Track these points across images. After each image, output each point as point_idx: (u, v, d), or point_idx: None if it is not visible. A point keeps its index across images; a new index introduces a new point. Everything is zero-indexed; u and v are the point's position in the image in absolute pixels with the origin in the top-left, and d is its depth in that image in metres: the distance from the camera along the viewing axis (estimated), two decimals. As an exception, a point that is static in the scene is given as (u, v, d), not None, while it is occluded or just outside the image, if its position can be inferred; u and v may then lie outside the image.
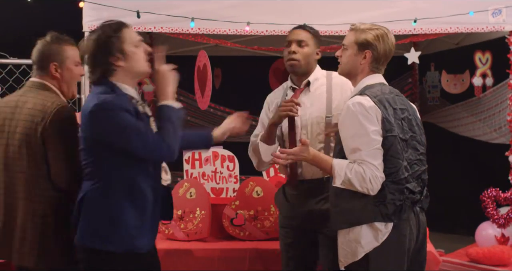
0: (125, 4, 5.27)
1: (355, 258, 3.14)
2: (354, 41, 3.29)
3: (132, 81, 3.11)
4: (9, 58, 5.45)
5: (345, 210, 3.17)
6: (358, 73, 3.32)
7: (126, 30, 3.06)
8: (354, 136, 3.09)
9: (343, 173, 3.07)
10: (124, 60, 3.02)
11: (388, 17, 5.30)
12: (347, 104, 3.14)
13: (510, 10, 5.48)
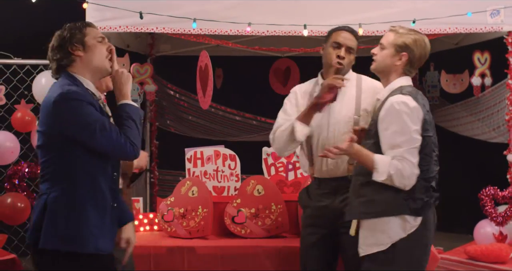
0: (128, 5, 5.35)
1: (380, 248, 3.27)
2: (393, 42, 3.40)
3: (92, 77, 3.14)
4: (13, 58, 5.55)
5: (373, 201, 3.29)
6: (391, 73, 3.44)
7: (91, 28, 3.15)
8: (396, 132, 3.21)
9: (386, 169, 3.17)
10: (84, 52, 3.07)
11: (387, 18, 5.38)
12: (391, 102, 3.25)
13: (508, 10, 5.56)
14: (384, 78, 3.49)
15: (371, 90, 3.80)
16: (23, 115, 5.41)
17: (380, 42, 3.48)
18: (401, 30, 3.45)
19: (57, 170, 3.00)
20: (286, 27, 5.51)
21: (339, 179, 3.77)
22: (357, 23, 5.36)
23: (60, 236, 2.96)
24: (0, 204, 5.09)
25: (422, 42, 3.41)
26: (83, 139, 2.95)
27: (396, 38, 3.40)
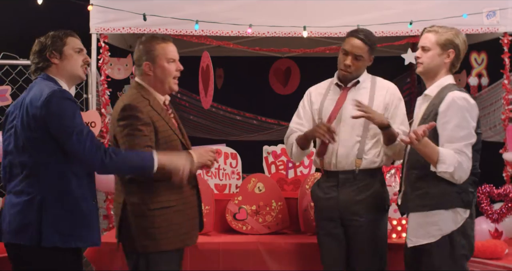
0: (131, 7, 5.43)
1: (431, 240, 3.40)
2: (436, 42, 3.51)
3: (66, 82, 3.36)
4: (19, 59, 5.55)
5: (429, 193, 3.41)
6: (439, 72, 3.56)
7: (71, 38, 3.40)
8: (457, 126, 3.34)
9: (453, 161, 3.28)
10: (59, 59, 3.33)
11: (385, 19, 5.51)
12: (452, 97, 3.37)
13: (504, 12, 5.64)
14: (430, 78, 3.60)
15: (384, 89, 3.97)
16: None
17: (421, 45, 3.57)
18: (439, 29, 3.55)
19: (45, 170, 3.15)
20: (286, 28, 5.58)
21: (346, 172, 3.91)
22: (355, 25, 5.37)
23: (60, 234, 3.13)
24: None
25: (462, 35, 3.56)
26: (60, 139, 3.12)
27: (438, 37, 3.51)
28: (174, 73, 3.57)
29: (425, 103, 3.62)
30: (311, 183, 4.79)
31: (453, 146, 3.33)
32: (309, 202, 4.75)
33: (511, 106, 5.79)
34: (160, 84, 3.55)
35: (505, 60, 5.79)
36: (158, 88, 3.57)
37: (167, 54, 3.54)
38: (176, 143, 3.52)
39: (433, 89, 3.57)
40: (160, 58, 3.53)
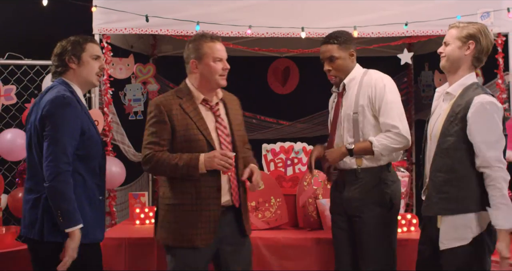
0: (134, 8, 5.50)
1: (464, 242, 3.39)
2: (457, 36, 3.52)
3: (81, 87, 3.53)
4: (24, 59, 5.67)
5: (456, 198, 3.41)
6: (460, 66, 3.54)
7: (91, 44, 3.56)
8: (488, 132, 3.34)
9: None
10: (77, 65, 3.49)
11: (381, 21, 5.58)
12: (480, 102, 3.35)
13: (497, 13, 5.69)
14: (453, 74, 3.57)
15: (367, 85, 3.95)
16: None
17: (444, 41, 3.60)
18: (461, 24, 3.56)
19: None
20: (284, 29, 5.64)
21: (349, 171, 3.98)
22: (352, 26, 5.48)
23: (62, 230, 3.27)
24: (12, 198, 5.15)
25: (486, 30, 3.53)
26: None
27: (459, 32, 3.52)
28: (220, 72, 3.68)
29: (448, 101, 3.58)
30: (309, 180, 4.88)
31: (490, 155, 3.32)
32: (307, 198, 4.82)
33: (505, 105, 5.82)
34: (205, 82, 3.68)
35: (499, 60, 5.83)
36: (203, 85, 3.69)
37: (214, 53, 3.67)
38: (199, 143, 3.61)
39: (456, 88, 3.53)
40: (207, 57, 3.66)
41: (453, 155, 3.41)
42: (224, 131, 3.71)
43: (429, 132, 3.62)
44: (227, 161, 3.52)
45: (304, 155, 5.14)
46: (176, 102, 3.65)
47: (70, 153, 3.26)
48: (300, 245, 4.52)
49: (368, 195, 3.95)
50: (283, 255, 4.49)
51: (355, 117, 3.95)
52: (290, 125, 7.83)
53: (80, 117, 3.37)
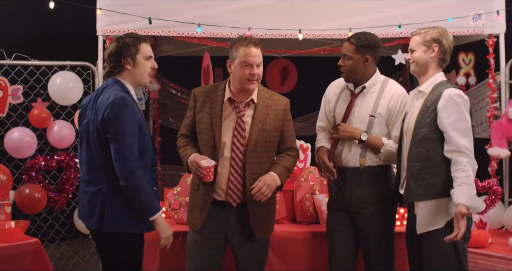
0: (137, 11, 5.61)
1: (438, 226, 3.61)
2: (420, 41, 3.79)
3: (134, 86, 3.69)
4: (30, 60, 5.73)
5: (431, 184, 3.62)
6: (429, 68, 3.81)
7: (144, 45, 3.65)
8: (456, 120, 3.57)
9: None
10: (132, 66, 3.62)
11: (375, 23, 5.68)
12: (449, 94, 3.61)
13: (489, 15, 5.84)
14: (423, 75, 3.83)
15: (389, 96, 4.03)
16: (39, 112, 5.60)
17: (410, 48, 3.84)
18: (423, 30, 3.82)
19: (107, 166, 3.49)
20: (282, 31, 5.74)
21: (352, 169, 4.07)
22: (347, 27, 5.61)
23: (120, 221, 3.51)
24: (19, 195, 5.26)
25: (446, 32, 3.82)
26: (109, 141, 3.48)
27: (422, 37, 3.79)
28: (247, 76, 3.75)
29: (420, 99, 3.79)
30: (306, 176, 4.99)
31: (459, 143, 3.51)
32: (304, 194, 4.93)
33: (496, 104, 5.94)
34: (236, 82, 3.82)
35: (490, 60, 5.94)
36: (234, 86, 3.85)
37: (243, 58, 3.75)
38: (206, 138, 3.84)
39: (427, 86, 3.78)
40: (238, 60, 3.76)
41: (427, 144, 3.64)
42: (241, 133, 3.81)
43: (404, 130, 3.84)
44: (198, 170, 3.71)
45: (301, 152, 5.23)
46: (208, 95, 3.87)
47: (136, 150, 3.47)
48: (298, 238, 4.64)
49: (370, 192, 4.05)
50: (282, 247, 4.59)
51: (371, 120, 4.04)
52: None
53: (137, 115, 3.54)
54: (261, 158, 3.87)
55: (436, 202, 3.63)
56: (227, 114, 3.86)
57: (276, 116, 3.93)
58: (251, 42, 3.78)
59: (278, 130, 3.93)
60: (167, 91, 7.80)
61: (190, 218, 3.99)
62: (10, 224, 4.72)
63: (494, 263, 4.87)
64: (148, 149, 3.61)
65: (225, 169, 3.84)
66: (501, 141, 5.71)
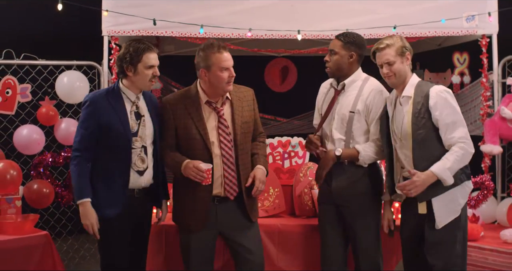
0: (141, 12, 5.73)
1: (455, 214, 3.76)
2: (395, 53, 3.84)
3: (136, 90, 3.96)
4: (38, 59, 5.82)
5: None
6: (407, 75, 3.89)
7: (147, 55, 3.89)
8: (449, 114, 3.71)
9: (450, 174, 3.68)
10: (133, 74, 3.88)
11: (372, 24, 5.79)
12: (435, 92, 3.74)
13: (482, 16, 5.93)
14: (402, 84, 3.88)
15: (367, 92, 4.15)
16: (47, 110, 5.69)
17: (387, 62, 3.84)
18: (387, 42, 3.85)
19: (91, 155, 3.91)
20: (282, 32, 5.84)
21: (337, 164, 4.17)
22: (344, 28, 5.57)
23: None
24: (28, 190, 5.35)
25: (400, 36, 3.94)
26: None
27: (395, 49, 3.83)
28: (226, 80, 3.91)
29: (407, 103, 3.86)
30: (305, 171, 5.06)
31: (457, 134, 3.68)
32: (303, 189, 5.00)
33: (489, 102, 6.02)
34: (213, 88, 3.96)
35: (483, 60, 6.04)
36: (211, 91, 3.97)
37: (220, 64, 3.90)
38: (196, 142, 3.95)
39: (409, 89, 3.86)
40: (215, 67, 3.90)
41: (429, 144, 3.77)
42: (225, 131, 3.96)
43: (397, 135, 3.92)
44: (198, 173, 3.82)
45: (300, 148, 5.29)
46: (182, 102, 3.97)
47: (81, 142, 3.92)
48: (296, 231, 4.71)
49: (354, 186, 4.16)
50: (281, 240, 4.66)
51: (351, 116, 4.14)
52: (287, 122, 7.95)
53: (102, 115, 3.86)
54: (246, 148, 4.06)
55: (449, 193, 3.75)
56: (208, 115, 3.99)
57: (249, 107, 4.12)
58: (221, 47, 3.94)
59: (253, 120, 4.13)
60: (169, 90, 7.82)
61: (190, 221, 4.05)
62: (21, 217, 4.82)
63: (486, 255, 4.98)
64: (120, 146, 3.90)
65: (218, 167, 3.97)
66: (494, 138, 5.78)
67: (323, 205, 4.34)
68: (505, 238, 5.08)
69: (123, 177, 3.92)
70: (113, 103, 3.91)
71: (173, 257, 4.65)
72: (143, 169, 4.00)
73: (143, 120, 4.00)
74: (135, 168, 3.95)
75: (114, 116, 3.90)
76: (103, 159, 3.93)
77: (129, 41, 3.94)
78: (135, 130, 3.96)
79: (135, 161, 3.95)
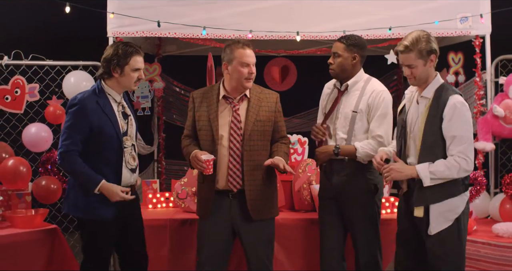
0: (145, 14, 5.86)
1: (449, 223, 3.75)
2: (418, 56, 3.74)
3: (120, 90, 4.10)
4: (46, 60, 5.90)
5: (444, 186, 3.74)
6: (429, 77, 3.83)
7: (134, 58, 4.02)
8: (460, 127, 3.68)
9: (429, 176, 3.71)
10: (119, 75, 4.01)
11: (368, 25, 5.88)
12: (454, 102, 3.68)
13: (475, 18, 6.03)
14: (424, 84, 3.82)
15: (369, 92, 4.27)
16: (54, 109, 5.80)
17: (408, 65, 3.77)
18: (410, 45, 3.73)
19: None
20: (281, 33, 5.94)
21: (338, 160, 4.31)
22: (342, 30, 5.79)
23: (72, 206, 4.02)
24: (36, 186, 5.45)
25: (430, 37, 3.82)
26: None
27: (419, 52, 3.73)
28: (245, 75, 4.06)
29: (424, 104, 3.84)
30: (304, 167, 5.20)
31: (458, 149, 3.66)
32: (302, 184, 5.13)
33: (482, 101, 6.11)
34: (233, 82, 4.12)
35: (477, 60, 6.13)
36: (231, 85, 4.13)
37: (242, 59, 4.05)
38: (205, 133, 4.12)
39: (429, 91, 3.81)
40: (236, 61, 4.05)
41: (436, 151, 3.76)
42: (237, 125, 4.10)
43: (408, 133, 3.94)
44: (198, 163, 4.00)
45: (299, 145, 5.43)
46: (204, 96, 4.16)
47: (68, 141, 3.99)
48: (296, 225, 4.89)
49: (355, 182, 4.28)
50: (281, 233, 4.77)
51: (354, 116, 4.26)
52: (287, 120, 7.66)
53: (89, 116, 3.95)
54: (257, 146, 4.16)
55: (448, 202, 3.77)
56: (223, 109, 4.15)
57: (269, 108, 4.23)
58: (246, 45, 4.10)
59: (271, 121, 4.23)
60: (171, 89, 7.89)
61: (200, 210, 4.26)
62: (31, 211, 4.94)
63: (478, 248, 5.10)
64: (113, 147, 4.02)
65: (225, 158, 4.12)
66: (487, 135, 5.90)
67: (324, 200, 4.44)
68: (497, 231, 5.19)
69: (116, 177, 4.03)
70: (102, 105, 4.00)
71: (177, 249, 4.82)
72: (135, 167, 4.16)
73: (130, 119, 4.16)
74: (128, 166, 4.09)
75: (104, 118, 3.99)
76: (94, 160, 3.99)
77: (117, 44, 4.06)
78: (124, 130, 4.10)
79: (128, 159, 4.08)
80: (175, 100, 7.99)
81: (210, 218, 4.17)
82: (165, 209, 5.50)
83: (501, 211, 5.68)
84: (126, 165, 4.06)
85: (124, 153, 4.06)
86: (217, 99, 4.16)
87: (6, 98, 5.74)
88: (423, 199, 3.81)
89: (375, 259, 4.35)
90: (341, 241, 4.42)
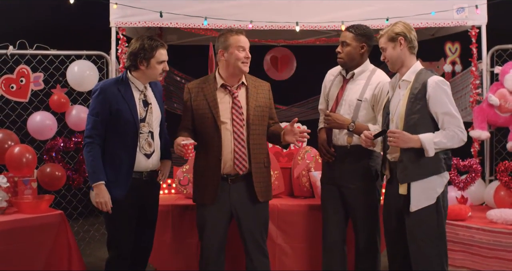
0: (148, 5, 5.91)
1: (430, 202, 3.82)
2: (387, 39, 3.95)
3: (145, 81, 4.21)
4: (50, 49, 5.95)
5: (426, 163, 3.82)
6: (404, 60, 3.95)
7: (160, 51, 4.15)
8: (446, 103, 3.78)
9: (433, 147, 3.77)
10: (145, 67, 4.13)
11: (366, 16, 5.94)
12: (435, 81, 3.79)
13: (472, 8, 6.11)
14: (401, 68, 3.96)
15: (375, 83, 4.33)
16: (58, 98, 5.85)
17: (380, 48, 3.98)
18: (384, 30, 3.96)
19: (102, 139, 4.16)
20: (281, 23, 6.01)
21: (341, 147, 4.39)
22: (340, 20, 5.87)
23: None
24: (41, 173, 5.52)
25: (404, 23, 4.01)
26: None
27: (387, 36, 3.94)
28: (242, 59, 4.17)
29: (405, 87, 3.92)
30: (302, 155, 5.27)
31: (453, 121, 3.78)
32: (301, 171, 5.20)
33: (478, 90, 6.19)
34: (230, 68, 4.22)
35: (473, 50, 6.21)
36: (228, 71, 4.24)
37: (237, 43, 4.17)
38: (207, 120, 4.20)
39: (410, 75, 3.91)
40: (232, 47, 4.16)
41: (420, 129, 3.83)
42: (238, 110, 4.19)
43: (391, 117, 4.02)
44: (177, 148, 4.08)
45: None
46: (201, 86, 4.23)
47: (92, 127, 4.15)
48: (295, 210, 4.94)
49: (357, 168, 4.36)
50: (281, 219, 4.88)
51: (359, 104, 4.33)
52: (286, 109, 8.09)
53: (110, 102, 4.10)
54: (258, 130, 4.27)
55: (428, 180, 3.83)
56: (222, 97, 4.24)
57: (264, 95, 4.36)
58: (239, 32, 4.24)
59: (267, 106, 4.36)
60: (172, 78, 7.94)
61: (202, 196, 4.29)
62: (36, 197, 5.04)
63: (472, 234, 5.20)
64: (129, 131, 4.14)
65: (229, 143, 4.20)
66: (482, 124, 5.99)
67: (326, 185, 4.53)
68: (491, 217, 5.29)
69: (130, 160, 4.15)
70: (122, 91, 4.14)
71: (179, 234, 4.89)
72: (150, 153, 4.24)
73: (150, 107, 4.24)
74: (142, 151, 4.18)
75: (123, 104, 4.12)
76: (112, 143, 4.15)
77: (142, 38, 4.16)
78: (143, 117, 4.20)
79: (143, 144, 4.18)
80: (175, 89, 8.03)
81: (214, 204, 4.24)
82: (168, 195, 5.56)
83: (496, 197, 5.76)
84: (140, 150, 4.17)
85: (140, 138, 4.17)
86: (214, 88, 4.24)
87: (12, 87, 5.79)
88: (407, 176, 3.88)
89: (374, 244, 4.45)
90: (342, 225, 4.50)
